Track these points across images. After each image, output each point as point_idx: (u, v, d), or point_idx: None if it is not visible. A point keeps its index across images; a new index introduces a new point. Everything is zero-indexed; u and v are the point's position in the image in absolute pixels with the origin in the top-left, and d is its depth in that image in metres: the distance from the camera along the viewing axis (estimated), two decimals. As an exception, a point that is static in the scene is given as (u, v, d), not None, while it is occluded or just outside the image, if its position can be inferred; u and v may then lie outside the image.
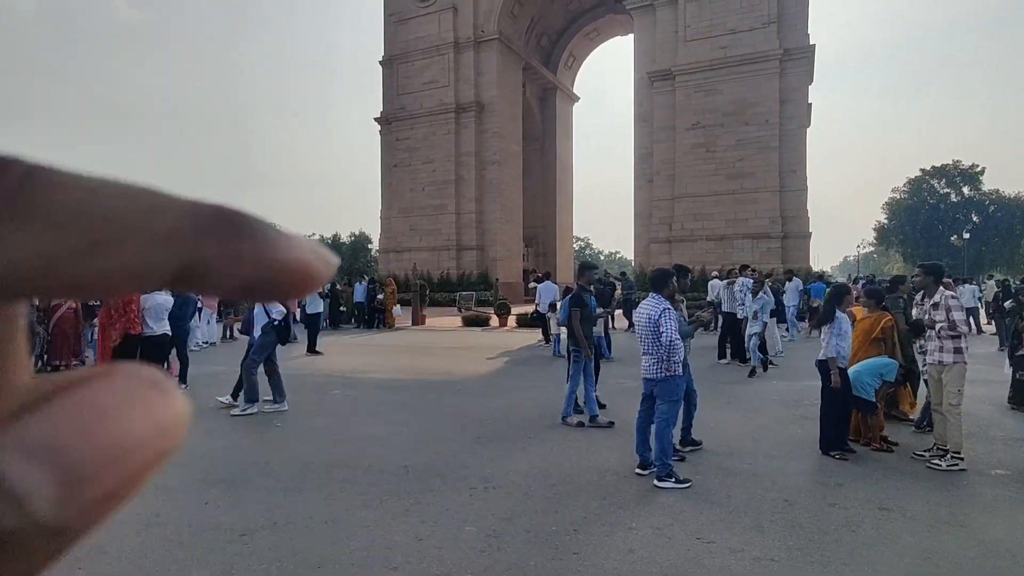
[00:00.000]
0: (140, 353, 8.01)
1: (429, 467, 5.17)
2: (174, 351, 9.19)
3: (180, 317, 9.27)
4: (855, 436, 5.66)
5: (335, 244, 53.54)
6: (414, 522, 4.01)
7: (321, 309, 15.02)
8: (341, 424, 6.80)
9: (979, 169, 54.01)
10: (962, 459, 4.94)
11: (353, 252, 50.51)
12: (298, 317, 15.76)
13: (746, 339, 9.92)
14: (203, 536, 3.82)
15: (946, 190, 55.56)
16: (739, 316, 10.32)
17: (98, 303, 9.66)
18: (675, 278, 5.18)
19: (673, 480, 4.66)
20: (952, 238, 53.12)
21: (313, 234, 60.89)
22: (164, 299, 8.70)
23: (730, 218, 27.36)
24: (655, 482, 4.68)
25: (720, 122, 27.56)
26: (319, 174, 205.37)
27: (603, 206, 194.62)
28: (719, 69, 27.40)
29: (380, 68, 36.90)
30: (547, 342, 14.96)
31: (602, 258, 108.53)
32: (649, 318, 4.87)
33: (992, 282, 21.24)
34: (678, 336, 4.83)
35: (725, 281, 11.23)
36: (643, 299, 5.28)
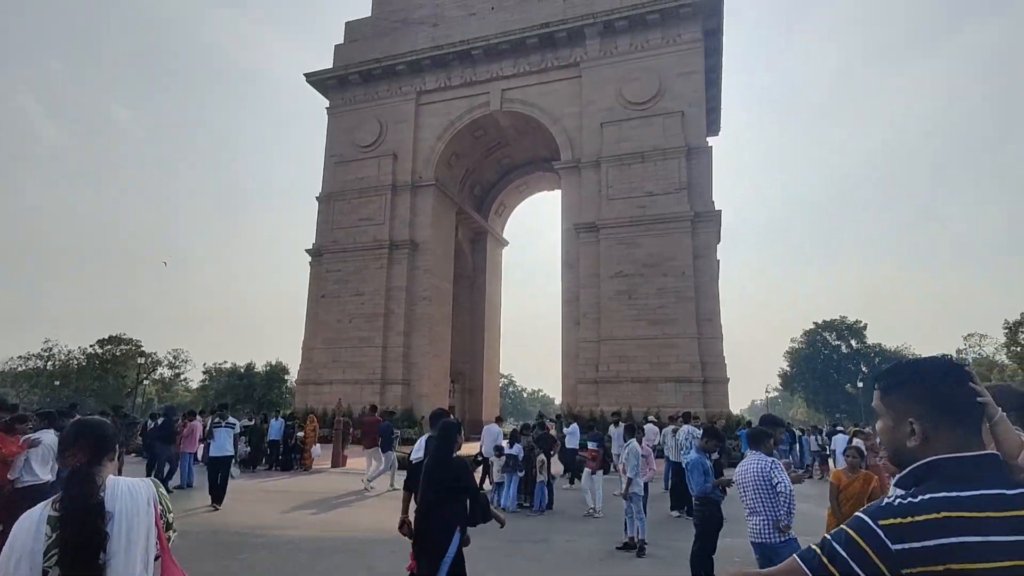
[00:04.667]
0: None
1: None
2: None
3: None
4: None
5: (249, 373, 50.35)
6: None
7: (231, 451, 12.66)
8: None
9: (862, 324, 60.14)
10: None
11: (268, 383, 47.51)
12: (199, 457, 14.22)
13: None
14: None
15: (836, 342, 61.01)
16: (684, 465, 10.23)
17: None
18: (772, 438, 5.00)
19: None
20: (847, 386, 57.41)
21: (225, 362, 57.30)
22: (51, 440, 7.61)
23: (653, 362, 28.38)
24: None
25: (641, 272, 29.53)
26: (238, 303, 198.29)
27: (528, 345, 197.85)
28: (638, 225, 29.92)
29: (311, 203, 37.68)
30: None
31: (525, 396, 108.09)
32: (760, 472, 4.62)
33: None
34: (792, 488, 4.63)
35: (671, 428, 11.27)
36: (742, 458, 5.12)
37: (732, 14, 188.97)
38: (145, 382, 55.27)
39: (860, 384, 52.26)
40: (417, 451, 6.18)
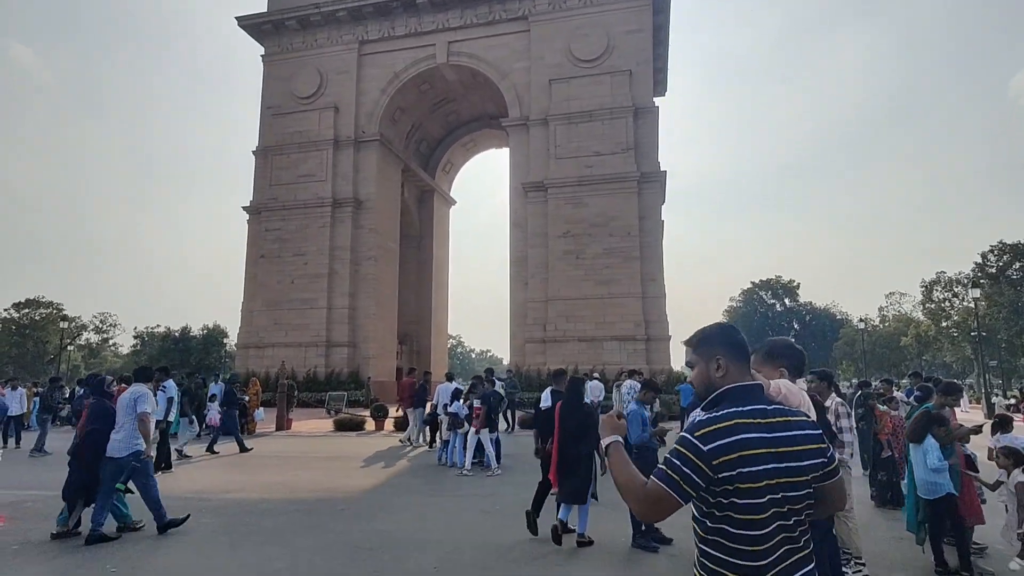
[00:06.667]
0: None
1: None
2: None
3: None
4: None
5: (185, 337, 48.15)
6: None
7: (160, 416, 10.83)
8: (203, 564, 5.65)
9: (796, 284, 63.06)
10: (864, 564, 5.15)
11: (205, 347, 45.68)
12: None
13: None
14: None
15: (772, 301, 63.87)
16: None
17: None
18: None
19: None
20: (779, 342, 60.61)
21: (158, 326, 54.70)
22: None
23: (599, 321, 28.86)
24: None
25: (588, 232, 29.69)
26: (169, 262, 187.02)
27: (475, 305, 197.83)
28: (586, 185, 29.93)
29: (244, 158, 35.80)
30: (431, 447, 14.21)
31: (473, 356, 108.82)
32: None
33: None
34: None
35: (615, 383, 11.48)
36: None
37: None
38: (70, 348, 52.22)
39: (792, 340, 55.26)
40: (545, 400, 9.57)
